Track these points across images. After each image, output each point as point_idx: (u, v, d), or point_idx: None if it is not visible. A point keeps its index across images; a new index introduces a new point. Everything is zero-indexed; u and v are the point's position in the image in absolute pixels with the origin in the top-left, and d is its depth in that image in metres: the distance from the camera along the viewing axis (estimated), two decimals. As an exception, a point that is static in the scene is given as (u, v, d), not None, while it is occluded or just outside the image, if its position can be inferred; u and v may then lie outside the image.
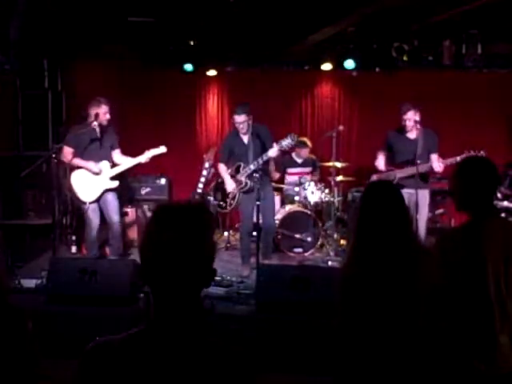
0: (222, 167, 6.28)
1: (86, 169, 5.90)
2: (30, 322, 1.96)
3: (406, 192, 5.20)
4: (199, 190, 7.26)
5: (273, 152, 5.79)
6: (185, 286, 1.41)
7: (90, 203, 5.94)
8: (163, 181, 7.78)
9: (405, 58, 7.64)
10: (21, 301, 4.72)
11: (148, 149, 6.21)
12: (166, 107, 8.50)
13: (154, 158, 6.23)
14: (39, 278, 5.26)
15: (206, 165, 7.28)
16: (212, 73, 8.39)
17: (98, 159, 5.94)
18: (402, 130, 6.06)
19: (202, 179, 7.32)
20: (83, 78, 8.02)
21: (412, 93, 7.42)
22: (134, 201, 7.59)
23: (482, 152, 5.50)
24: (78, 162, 5.92)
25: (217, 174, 6.71)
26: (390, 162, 6.17)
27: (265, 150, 5.91)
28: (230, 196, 6.19)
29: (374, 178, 6.18)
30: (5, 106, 7.40)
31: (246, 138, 6.07)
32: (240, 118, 5.93)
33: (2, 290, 2.03)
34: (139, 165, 6.19)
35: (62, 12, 6.45)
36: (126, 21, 6.92)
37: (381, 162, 6.16)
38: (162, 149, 6.09)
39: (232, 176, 6.16)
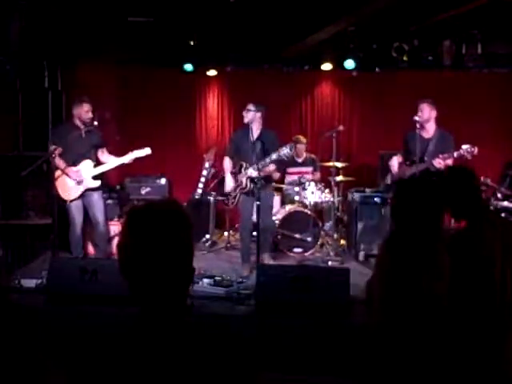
0: (226, 162, 6.30)
1: (66, 174, 5.92)
2: (31, 319, 1.97)
3: None
4: (199, 190, 7.27)
5: (271, 158, 5.83)
6: (162, 285, 1.42)
7: (72, 201, 5.96)
8: (163, 181, 7.78)
9: (405, 58, 7.63)
10: (21, 301, 4.75)
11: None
12: (165, 107, 8.50)
13: (155, 158, 6.23)
14: (39, 277, 5.26)
15: (206, 165, 7.29)
16: (212, 73, 8.39)
17: (80, 158, 5.97)
18: (418, 128, 5.84)
19: (202, 179, 7.32)
20: (83, 77, 8.01)
21: (412, 93, 7.41)
22: (134, 201, 7.59)
23: (473, 149, 5.50)
24: (60, 165, 5.91)
25: (221, 171, 6.73)
26: (404, 161, 6.11)
27: (268, 150, 5.93)
28: (232, 194, 6.23)
29: (388, 180, 6.24)
30: (5, 106, 7.39)
31: (254, 135, 6.01)
32: (250, 106, 6.05)
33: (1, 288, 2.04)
34: (123, 165, 6.18)
35: (62, 12, 6.45)
36: (125, 21, 6.93)
37: (394, 162, 6.11)
38: (147, 150, 6.03)
39: (234, 174, 6.20)
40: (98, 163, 6.13)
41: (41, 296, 4.95)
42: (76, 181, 5.92)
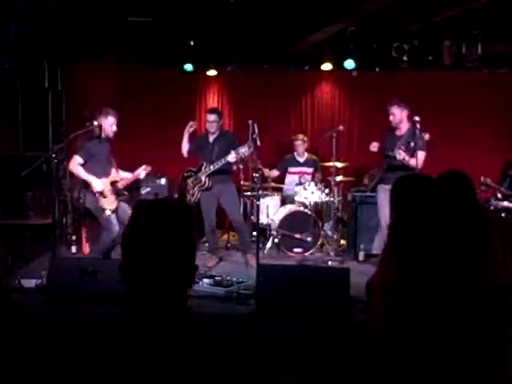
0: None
1: (90, 184, 5.73)
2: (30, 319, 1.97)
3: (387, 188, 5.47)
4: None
5: (231, 157, 6.14)
6: (165, 283, 1.41)
7: (114, 211, 5.80)
8: (163, 181, 7.78)
9: (405, 58, 7.64)
10: (21, 301, 4.75)
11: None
12: (165, 107, 8.50)
13: (154, 158, 6.27)
14: (39, 277, 5.26)
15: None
16: (212, 73, 8.39)
17: (108, 171, 5.85)
18: (393, 127, 6.09)
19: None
20: (83, 77, 8.02)
21: (412, 93, 7.42)
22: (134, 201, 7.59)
23: (427, 135, 5.65)
24: (84, 176, 5.73)
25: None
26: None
27: (227, 153, 6.18)
28: (190, 192, 6.47)
29: (366, 180, 6.38)
30: (5, 106, 7.40)
31: (211, 139, 6.42)
32: (211, 117, 6.37)
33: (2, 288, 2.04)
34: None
35: (62, 12, 6.45)
36: (125, 21, 6.93)
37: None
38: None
39: (195, 173, 6.46)
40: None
41: (41, 296, 4.95)
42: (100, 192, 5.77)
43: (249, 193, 7.17)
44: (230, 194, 6.41)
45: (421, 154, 5.81)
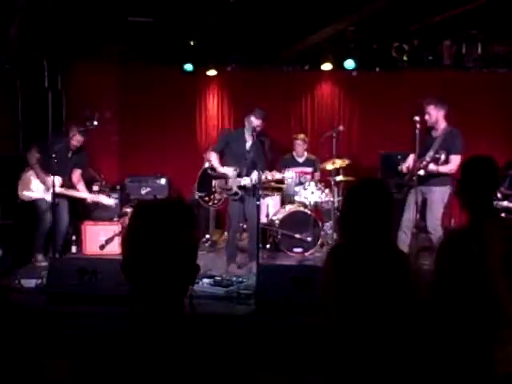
0: (214, 155, 6.32)
1: (37, 174, 6.34)
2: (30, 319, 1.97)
3: (419, 189, 5.67)
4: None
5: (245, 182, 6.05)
6: (166, 284, 1.41)
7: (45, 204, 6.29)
8: (163, 181, 7.78)
9: (405, 58, 7.64)
10: (21, 301, 4.75)
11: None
12: (166, 107, 8.50)
13: (155, 158, 6.27)
14: (39, 277, 5.26)
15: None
16: (212, 73, 8.39)
17: (55, 173, 6.06)
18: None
19: (202, 179, 7.30)
20: (83, 77, 8.02)
21: (412, 93, 7.42)
22: (134, 201, 7.58)
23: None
24: (35, 167, 6.33)
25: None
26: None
27: (261, 159, 6.06)
28: (217, 196, 6.33)
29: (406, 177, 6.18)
30: (5, 106, 7.39)
31: (249, 141, 6.13)
32: (257, 122, 6.07)
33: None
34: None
35: (62, 12, 6.45)
36: (126, 21, 6.93)
37: (408, 160, 6.05)
38: (110, 201, 6.56)
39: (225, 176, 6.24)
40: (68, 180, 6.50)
41: (41, 296, 4.96)
42: (44, 185, 6.30)
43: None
44: (253, 200, 6.22)
45: (455, 159, 5.62)
